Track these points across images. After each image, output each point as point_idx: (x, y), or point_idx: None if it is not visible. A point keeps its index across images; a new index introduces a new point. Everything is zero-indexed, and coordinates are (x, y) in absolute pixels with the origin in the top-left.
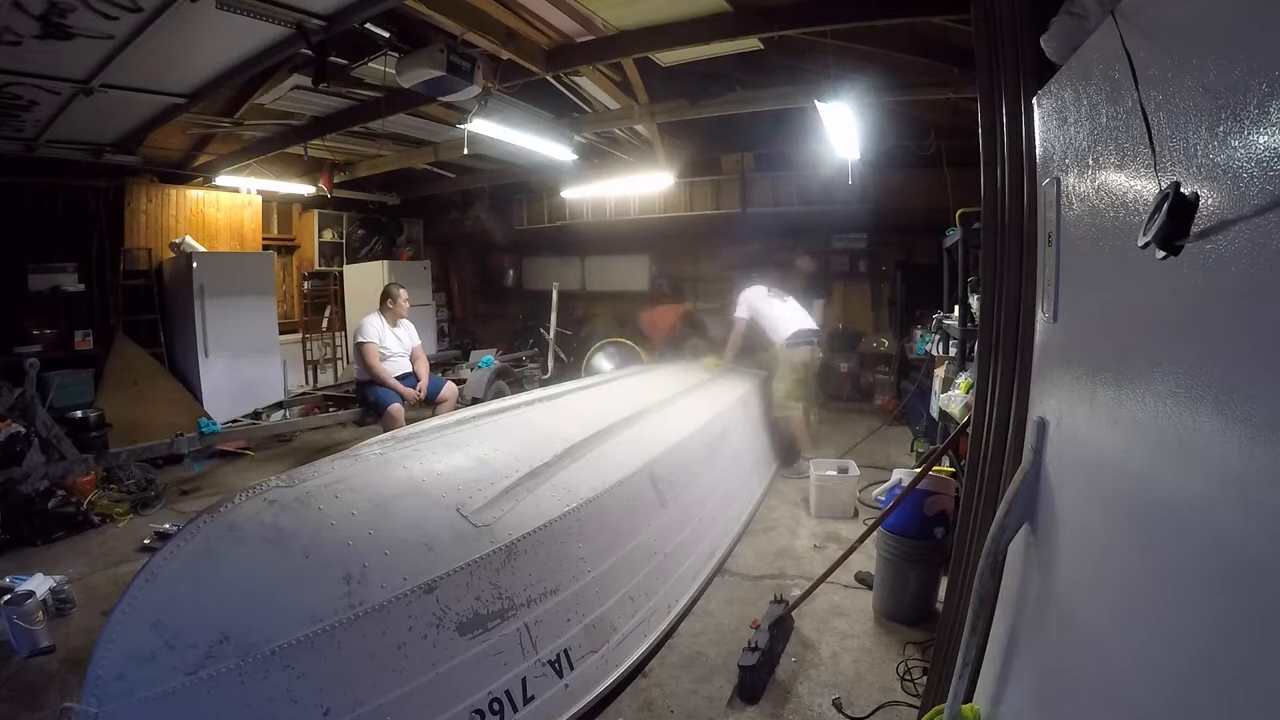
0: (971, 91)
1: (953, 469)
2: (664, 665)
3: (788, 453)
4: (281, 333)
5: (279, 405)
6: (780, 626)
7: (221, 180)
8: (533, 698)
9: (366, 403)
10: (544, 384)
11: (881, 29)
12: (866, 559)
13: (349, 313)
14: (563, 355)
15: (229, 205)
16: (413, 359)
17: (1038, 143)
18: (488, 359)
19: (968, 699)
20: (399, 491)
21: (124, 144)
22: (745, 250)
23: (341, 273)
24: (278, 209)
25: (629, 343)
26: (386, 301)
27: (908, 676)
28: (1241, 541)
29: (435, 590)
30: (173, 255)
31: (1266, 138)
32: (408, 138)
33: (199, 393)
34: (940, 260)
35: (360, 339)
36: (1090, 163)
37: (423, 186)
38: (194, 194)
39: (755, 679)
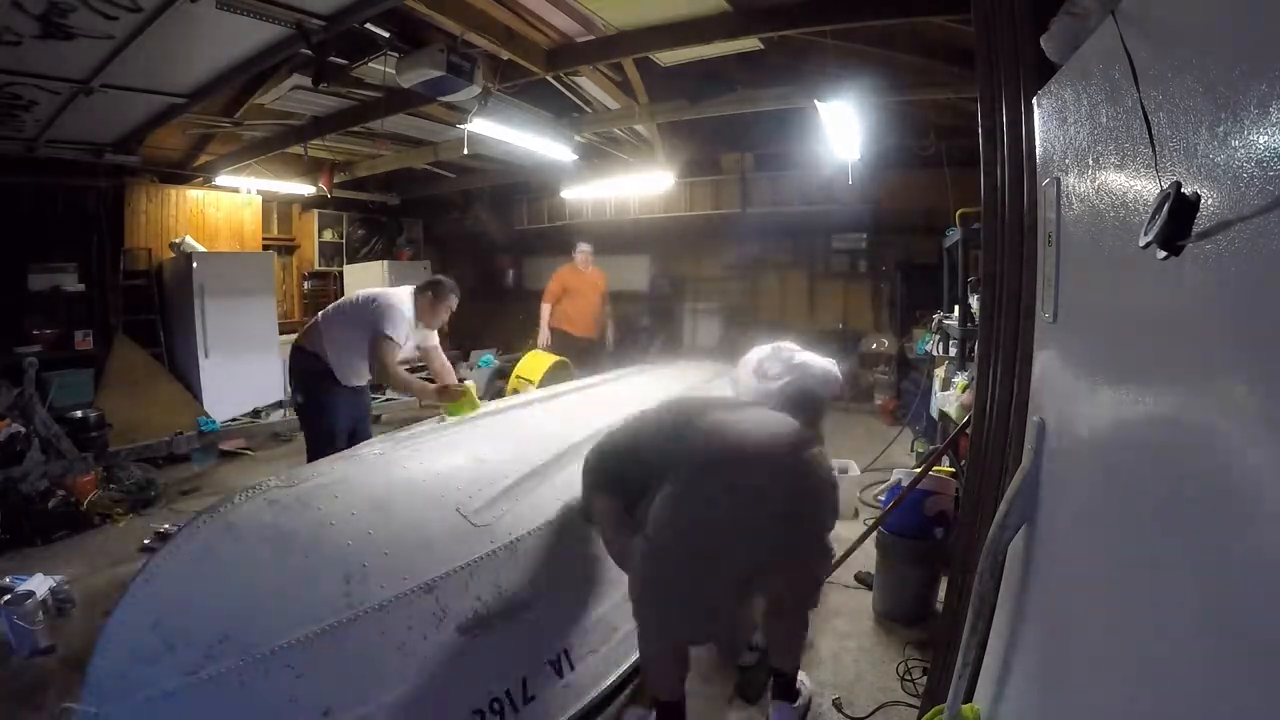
0: (971, 91)
1: (953, 469)
2: None
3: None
4: (281, 333)
5: (279, 405)
6: None
7: (221, 180)
8: (533, 697)
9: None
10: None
11: (882, 29)
12: (866, 559)
13: None
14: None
15: (229, 205)
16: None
17: (1038, 143)
18: (487, 358)
19: (968, 699)
20: (399, 491)
21: (124, 144)
22: (745, 250)
23: (341, 273)
24: (278, 209)
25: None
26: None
27: (908, 676)
28: (1241, 541)
29: (435, 590)
30: (173, 255)
31: (1266, 138)
32: (408, 138)
33: (199, 393)
34: (940, 260)
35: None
36: (1090, 163)
37: (423, 186)
38: (194, 194)
39: (755, 679)
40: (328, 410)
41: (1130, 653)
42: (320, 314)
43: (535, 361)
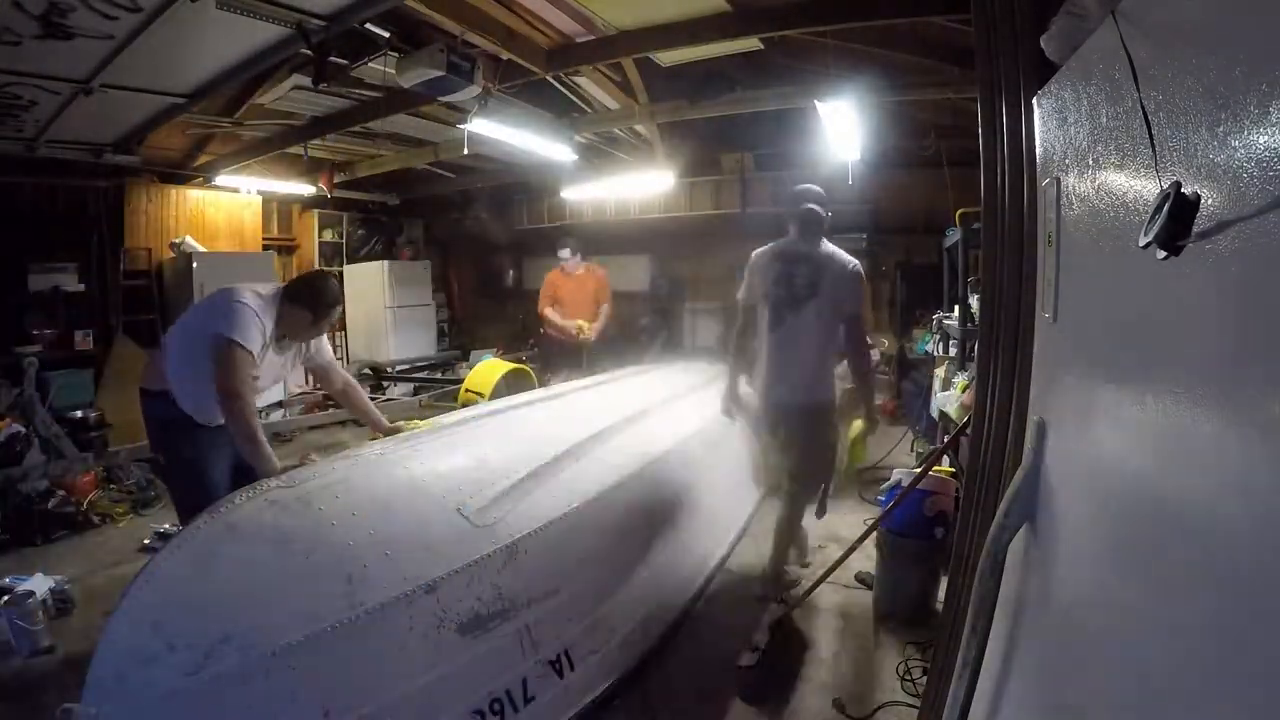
0: (971, 91)
1: (953, 469)
2: (664, 665)
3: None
4: None
5: (279, 405)
6: (780, 626)
7: (221, 180)
8: (533, 698)
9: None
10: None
11: (882, 29)
12: (866, 559)
13: (349, 313)
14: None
15: (229, 205)
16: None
17: (1038, 143)
18: (487, 358)
19: (967, 699)
20: (400, 491)
21: (124, 144)
22: (745, 250)
23: (341, 273)
24: (278, 209)
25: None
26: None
27: (908, 676)
28: (1242, 542)
29: (436, 590)
30: (173, 255)
31: (1266, 138)
32: (408, 138)
33: None
34: (940, 260)
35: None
36: (1090, 163)
37: (423, 186)
38: (194, 194)
39: (755, 679)
40: (195, 466)
41: (1130, 653)
42: (164, 337)
43: (485, 373)
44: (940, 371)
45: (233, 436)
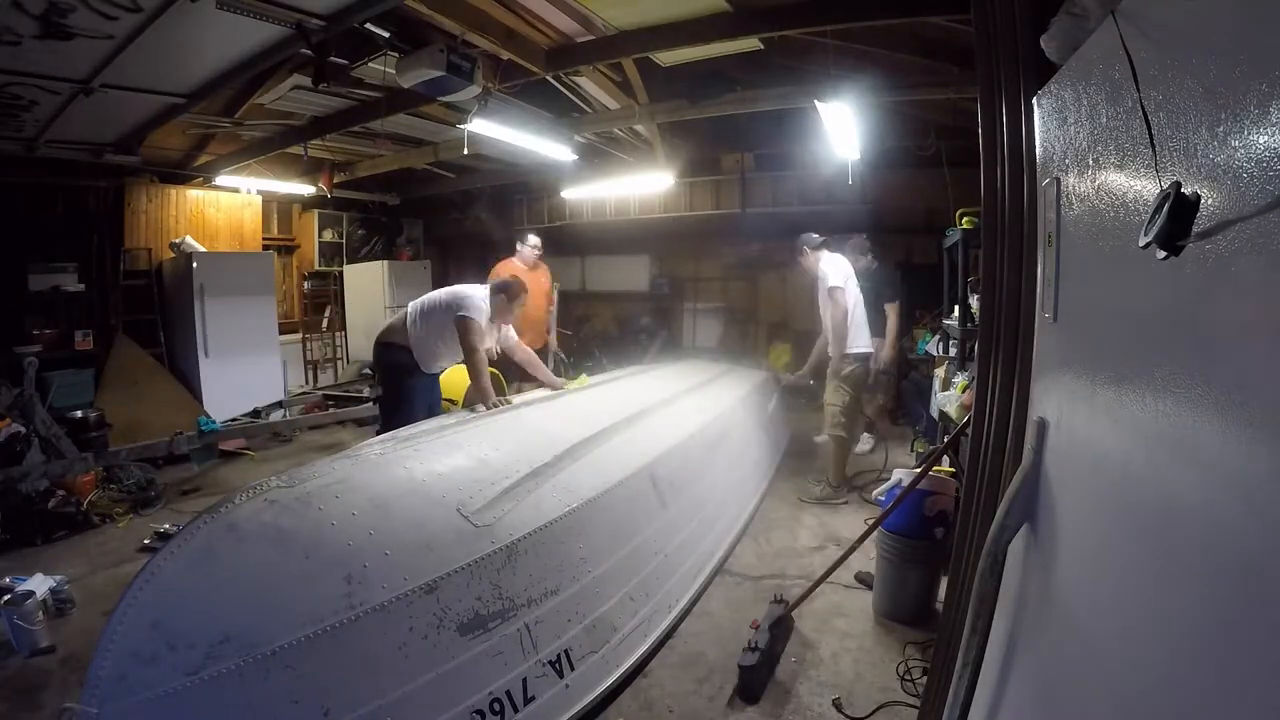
0: (971, 91)
1: (953, 469)
2: (664, 665)
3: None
4: (281, 333)
5: (279, 405)
6: (780, 626)
7: (221, 180)
8: (533, 698)
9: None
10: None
11: (882, 29)
12: (866, 559)
13: (349, 313)
14: (563, 355)
15: (229, 205)
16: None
17: (1038, 143)
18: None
19: (967, 699)
20: (399, 491)
21: (124, 144)
22: (745, 250)
23: (341, 273)
24: (278, 209)
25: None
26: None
27: (908, 676)
28: (1242, 541)
29: (436, 590)
30: (173, 255)
31: (1266, 138)
32: (408, 138)
33: (199, 393)
34: (940, 260)
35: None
36: (1090, 163)
37: (423, 186)
38: (194, 194)
39: (755, 679)
40: (408, 399)
41: (1130, 652)
42: (406, 311)
43: (455, 378)
44: (940, 371)
45: (470, 373)
